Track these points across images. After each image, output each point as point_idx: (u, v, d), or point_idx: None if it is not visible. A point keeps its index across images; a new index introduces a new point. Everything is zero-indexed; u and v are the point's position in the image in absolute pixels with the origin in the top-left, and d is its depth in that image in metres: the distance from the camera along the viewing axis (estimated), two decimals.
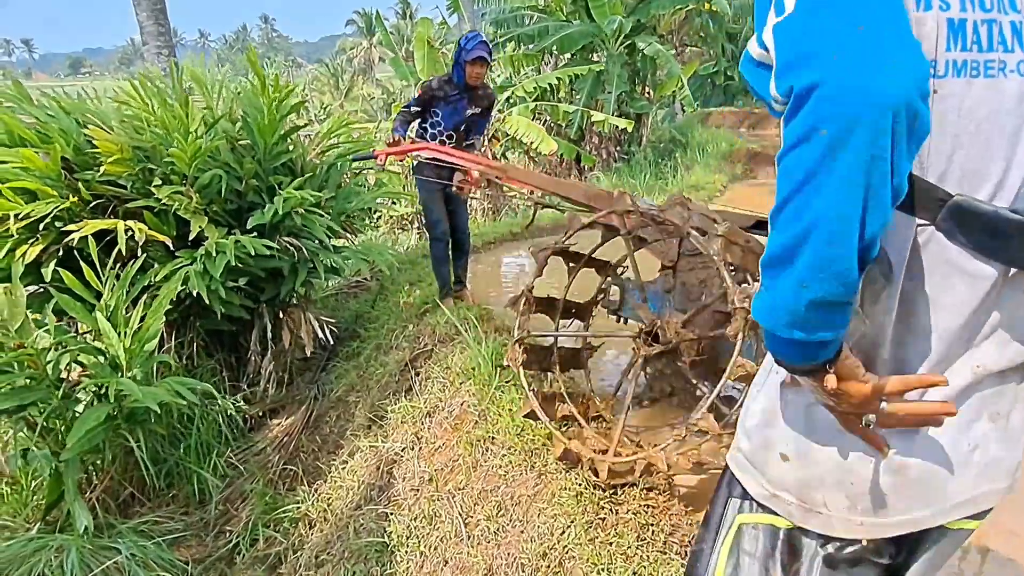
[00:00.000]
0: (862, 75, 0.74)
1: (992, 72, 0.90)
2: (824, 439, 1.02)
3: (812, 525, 1.04)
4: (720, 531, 1.15)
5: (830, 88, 0.74)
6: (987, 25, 0.89)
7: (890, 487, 0.99)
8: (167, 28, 6.87)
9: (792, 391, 1.06)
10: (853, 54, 0.74)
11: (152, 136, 3.87)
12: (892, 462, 0.98)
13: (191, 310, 4.14)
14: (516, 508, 2.51)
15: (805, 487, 1.04)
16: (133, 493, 3.69)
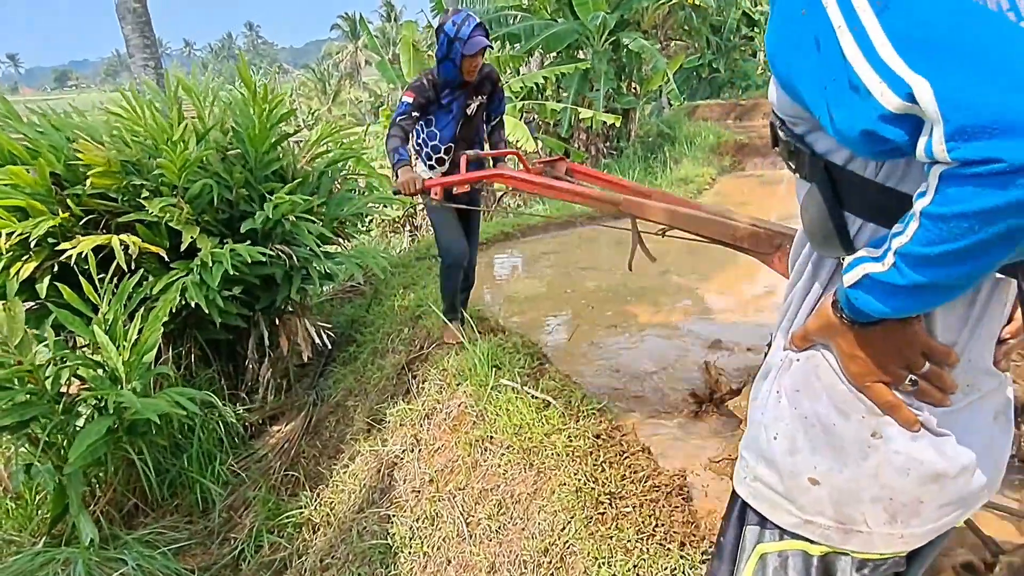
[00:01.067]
0: None
1: None
2: (855, 456, 1.01)
3: (853, 545, 1.03)
4: (739, 561, 1.14)
5: None
6: None
7: (928, 495, 0.99)
8: (152, 40, 6.88)
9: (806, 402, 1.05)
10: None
11: (140, 148, 3.89)
12: (928, 471, 0.98)
13: (188, 321, 4.16)
14: (516, 506, 2.55)
15: (842, 507, 1.02)
16: (137, 504, 3.71)
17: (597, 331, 4.19)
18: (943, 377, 0.96)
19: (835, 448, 1.02)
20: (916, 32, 0.73)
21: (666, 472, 2.44)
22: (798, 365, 1.07)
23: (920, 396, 0.97)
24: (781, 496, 1.07)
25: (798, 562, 1.06)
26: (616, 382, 3.45)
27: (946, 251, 0.77)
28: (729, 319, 4.24)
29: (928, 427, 0.98)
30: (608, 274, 5.37)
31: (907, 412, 0.97)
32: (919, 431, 0.98)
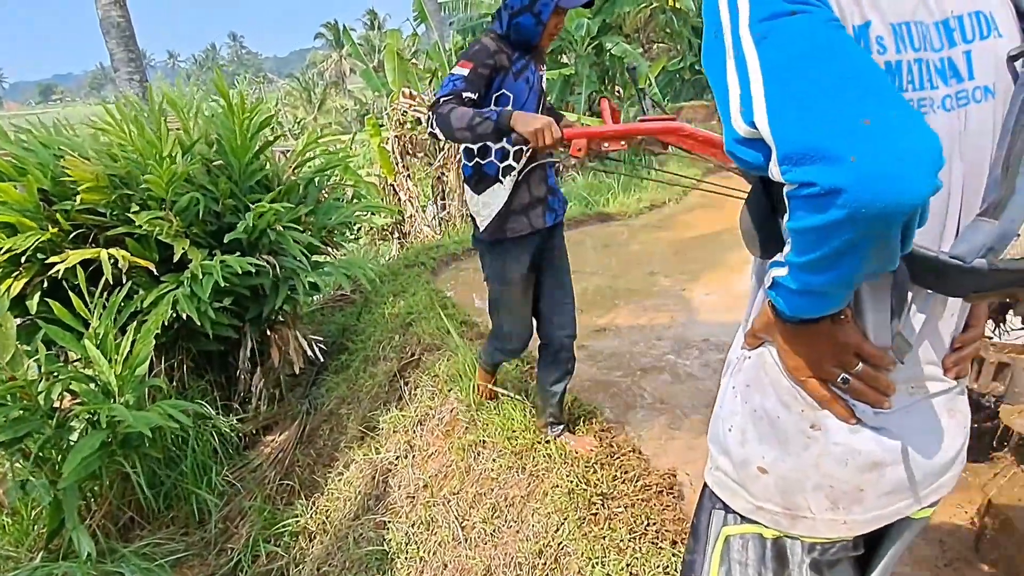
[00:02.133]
0: (885, 184, 0.72)
1: (925, 110, 0.94)
2: (797, 447, 1.07)
3: (799, 530, 1.10)
4: (708, 543, 1.21)
5: (856, 197, 0.73)
6: (917, 65, 0.93)
7: (868, 483, 1.05)
8: (137, 54, 6.89)
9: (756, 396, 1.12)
10: (871, 158, 0.73)
11: (127, 163, 3.91)
12: (866, 460, 1.04)
13: (179, 333, 4.18)
14: (510, 509, 2.59)
15: (787, 494, 1.09)
16: (133, 517, 3.72)
17: (586, 333, 4.23)
18: (878, 379, 1.01)
19: (780, 439, 1.09)
20: (777, 63, 0.83)
21: (656, 472, 2.48)
22: (749, 362, 1.15)
23: (854, 395, 1.02)
24: (736, 484, 1.15)
25: (756, 544, 1.14)
26: (606, 384, 3.50)
27: (809, 261, 0.85)
28: (716, 319, 4.29)
29: (865, 420, 1.04)
30: (595, 276, 5.42)
31: (841, 406, 1.03)
32: (856, 424, 1.04)
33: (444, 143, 9.54)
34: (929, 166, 0.73)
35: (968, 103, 0.95)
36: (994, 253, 0.90)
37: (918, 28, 0.93)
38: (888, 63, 0.91)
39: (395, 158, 9.24)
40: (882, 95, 0.78)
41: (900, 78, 0.92)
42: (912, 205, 0.74)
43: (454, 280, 5.92)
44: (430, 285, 5.23)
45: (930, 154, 0.74)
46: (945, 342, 1.06)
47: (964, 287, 0.95)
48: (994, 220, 0.91)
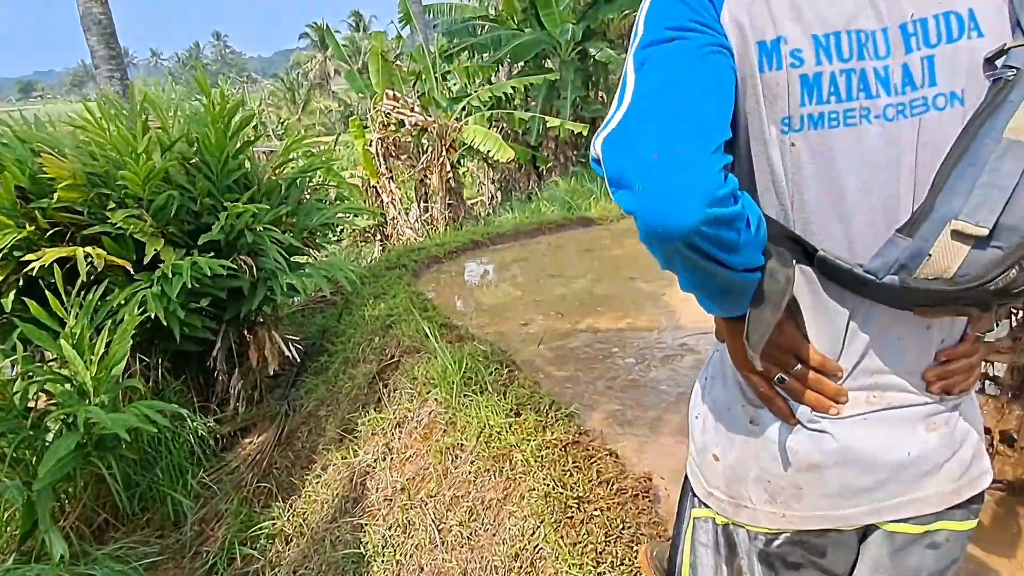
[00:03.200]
0: (657, 212, 0.80)
1: (853, 120, 0.93)
2: (743, 438, 1.10)
3: (742, 519, 1.11)
4: (683, 524, 1.26)
5: (640, 222, 0.82)
6: (846, 75, 0.92)
7: (807, 483, 1.05)
8: (118, 51, 6.84)
9: (717, 388, 1.16)
10: (651, 190, 0.81)
11: (104, 160, 3.87)
12: (802, 459, 1.04)
13: (156, 333, 4.14)
14: (487, 512, 2.59)
15: (732, 483, 1.11)
16: (107, 519, 3.68)
17: (566, 338, 4.24)
18: (821, 383, 1.02)
19: (728, 430, 1.12)
20: (640, 92, 0.89)
21: (633, 475, 2.49)
22: (716, 356, 1.20)
23: (792, 395, 1.04)
24: (697, 469, 1.19)
25: (710, 528, 1.18)
26: (584, 388, 3.51)
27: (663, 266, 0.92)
28: (694, 324, 4.31)
29: (805, 421, 1.05)
30: (576, 281, 5.44)
31: (780, 404, 1.05)
32: (795, 424, 1.05)
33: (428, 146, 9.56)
34: (695, 200, 0.79)
35: (927, 110, 0.93)
36: (907, 271, 0.90)
37: (853, 37, 0.92)
38: (804, 76, 0.92)
39: (378, 160, 9.23)
40: (684, 131, 0.83)
41: (819, 90, 0.93)
42: (680, 231, 0.80)
43: (435, 283, 5.93)
44: (411, 287, 5.22)
45: (699, 190, 0.79)
46: (918, 353, 1.03)
47: (893, 300, 0.96)
48: (908, 237, 0.91)
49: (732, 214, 0.82)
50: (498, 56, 11.16)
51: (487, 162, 11.37)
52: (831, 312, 1.02)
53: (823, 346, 1.03)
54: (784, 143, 0.96)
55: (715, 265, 0.86)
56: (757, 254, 0.91)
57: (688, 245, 0.82)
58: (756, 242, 0.89)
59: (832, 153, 0.94)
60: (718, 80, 0.90)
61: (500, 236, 7.15)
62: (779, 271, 0.95)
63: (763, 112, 0.95)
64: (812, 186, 0.96)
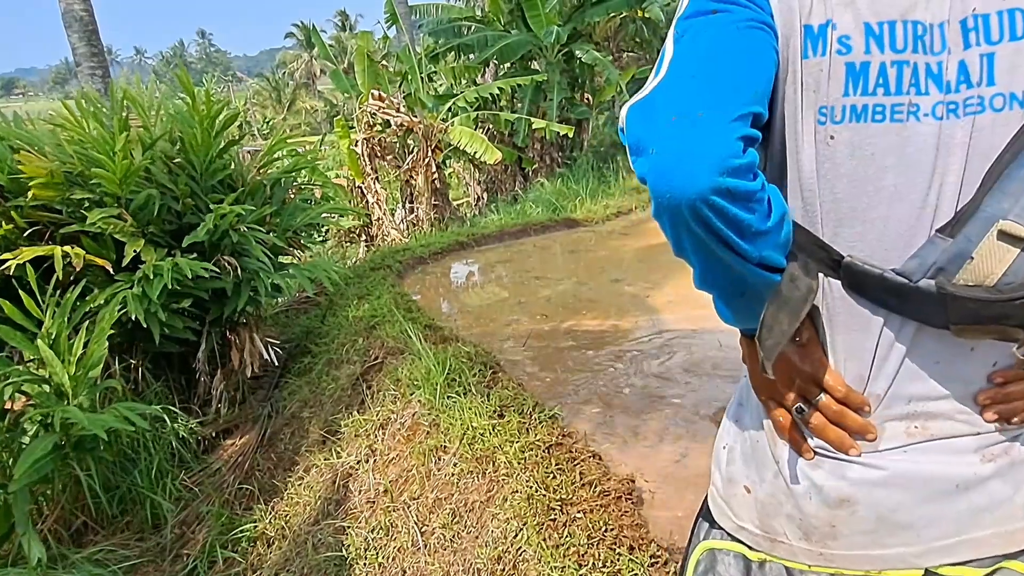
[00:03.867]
0: (665, 174, 0.77)
1: (900, 116, 0.86)
2: (771, 473, 1.03)
3: (779, 554, 1.03)
4: (691, 548, 1.18)
5: (650, 188, 0.79)
6: (897, 67, 0.86)
7: (840, 520, 0.97)
8: (100, 49, 6.77)
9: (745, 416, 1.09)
10: (662, 152, 0.78)
11: (83, 159, 3.83)
12: (830, 495, 0.97)
13: (137, 334, 4.10)
14: (470, 515, 2.58)
15: (765, 517, 1.04)
16: (86, 522, 3.63)
17: (550, 340, 4.24)
18: (845, 416, 0.95)
19: (758, 462, 1.06)
20: (676, 62, 0.86)
21: (616, 477, 2.49)
22: (744, 382, 1.12)
23: (813, 430, 0.97)
24: (723, 500, 1.12)
25: (741, 564, 1.09)
26: (568, 390, 3.50)
27: (675, 250, 0.88)
28: (678, 326, 4.32)
29: (824, 453, 0.97)
30: (561, 283, 5.44)
31: (795, 436, 0.99)
32: (812, 459, 0.98)
33: (414, 147, 9.54)
34: (704, 164, 0.75)
35: (982, 110, 0.85)
36: (945, 275, 0.83)
37: (908, 28, 0.86)
38: (851, 64, 0.87)
39: (363, 160, 9.20)
40: (707, 96, 0.80)
41: (866, 80, 0.87)
42: (686, 196, 0.76)
43: (420, 284, 5.91)
44: (395, 288, 5.21)
45: (711, 154, 0.75)
46: (966, 377, 0.92)
47: (929, 315, 0.87)
48: (950, 238, 0.84)
49: (746, 190, 0.77)
50: (484, 57, 11.15)
51: (473, 163, 11.37)
52: (859, 330, 0.94)
53: (851, 370, 0.96)
54: (821, 136, 0.90)
55: (726, 250, 0.81)
56: (778, 253, 0.86)
57: (695, 215, 0.77)
58: (777, 237, 0.84)
59: (873, 149, 0.88)
60: (755, 54, 0.86)
61: (485, 237, 7.14)
62: (801, 278, 0.89)
63: (800, 101, 0.90)
64: (846, 185, 0.90)
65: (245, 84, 49.53)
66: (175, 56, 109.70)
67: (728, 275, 0.87)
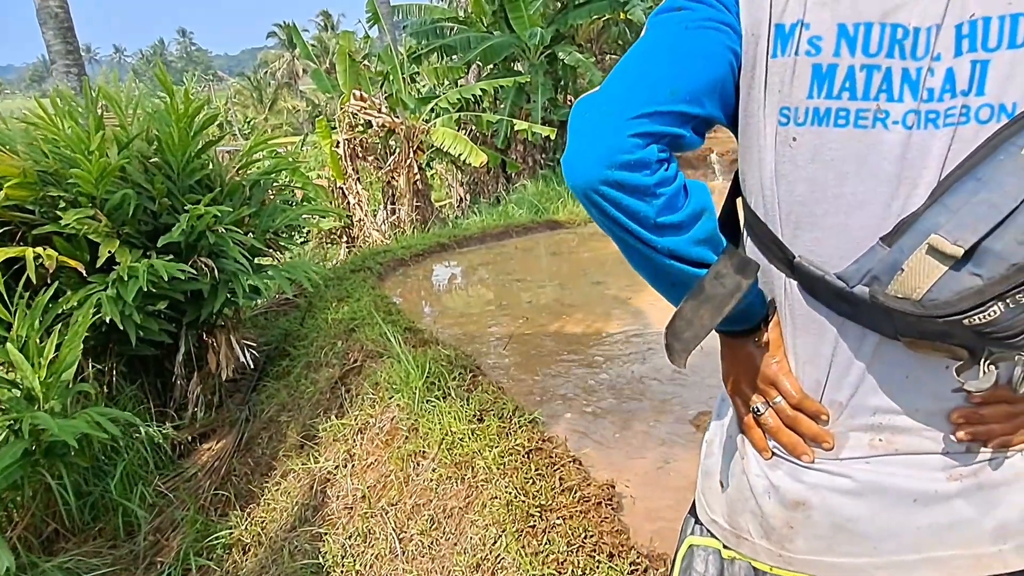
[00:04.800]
0: (566, 164, 0.85)
1: (865, 122, 0.83)
2: (737, 467, 1.03)
3: (743, 551, 1.03)
4: (678, 545, 1.18)
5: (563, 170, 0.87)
6: (867, 71, 0.82)
7: (796, 522, 0.96)
8: (75, 46, 6.65)
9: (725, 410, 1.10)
10: (568, 143, 0.86)
11: (56, 159, 3.75)
12: (786, 496, 0.96)
13: (111, 336, 4.03)
14: (448, 521, 2.54)
15: (733, 513, 1.04)
16: (57, 529, 3.55)
17: (531, 343, 4.21)
18: (799, 422, 0.94)
19: (731, 457, 1.06)
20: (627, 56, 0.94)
21: (596, 483, 2.46)
22: None
23: (768, 431, 0.97)
24: (700, 493, 1.13)
25: (715, 560, 1.08)
26: (549, 394, 3.48)
27: None
28: (662, 327, 4.30)
29: (782, 455, 0.97)
30: (543, 286, 5.41)
31: (757, 435, 0.99)
32: (770, 459, 0.98)
33: (396, 148, 9.48)
34: (592, 159, 0.82)
35: (966, 121, 0.80)
36: (879, 284, 0.81)
37: (886, 31, 0.82)
38: (817, 66, 0.84)
39: (345, 161, 9.14)
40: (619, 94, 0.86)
41: (832, 83, 0.84)
42: (577, 186, 0.84)
43: (401, 286, 5.86)
44: (375, 291, 5.15)
45: (600, 149, 0.81)
46: (941, 394, 0.88)
47: (877, 323, 0.85)
48: (888, 247, 0.81)
49: (636, 183, 0.81)
50: (468, 59, 11.12)
51: (456, 165, 11.33)
52: (816, 334, 0.92)
53: (808, 375, 0.95)
54: (782, 136, 0.88)
55: (629, 236, 0.85)
56: (696, 248, 0.87)
57: (589, 202, 0.84)
58: (691, 232, 0.87)
59: (833, 154, 0.85)
60: (698, 53, 0.88)
61: (467, 239, 7.10)
62: (728, 275, 0.88)
63: (762, 101, 0.89)
64: (805, 188, 0.88)
65: (226, 83, 49.16)
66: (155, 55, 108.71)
67: (645, 264, 0.91)
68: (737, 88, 0.92)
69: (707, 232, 0.88)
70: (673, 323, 0.91)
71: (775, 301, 0.97)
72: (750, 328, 0.97)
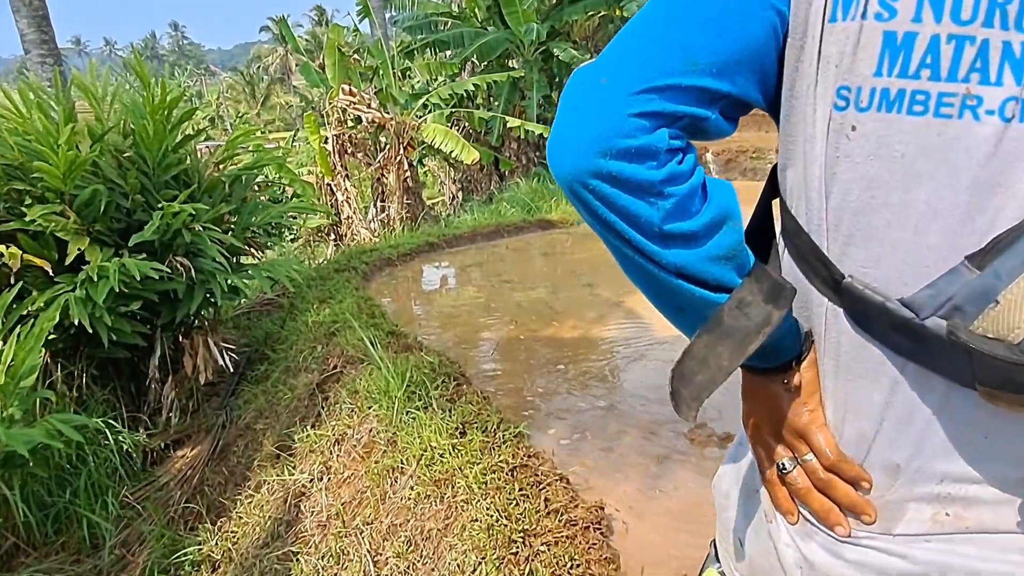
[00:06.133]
0: (551, 148, 0.70)
1: (949, 110, 0.63)
2: (762, 529, 0.86)
3: None
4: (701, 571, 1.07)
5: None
6: (956, 43, 0.61)
7: None
8: (51, 35, 6.42)
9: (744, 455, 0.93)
10: (556, 122, 0.70)
11: (23, 152, 3.57)
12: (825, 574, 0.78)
13: (81, 338, 3.84)
14: (426, 543, 2.37)
15: (755, 573, 0.89)
16: (17, 543, 3.38)
17: (521, 349, 4.04)
18: (834, 487, 0.75)
19: (752, 516, 0.88)
20: None
21: (584, 504, 2.29)
22: None
23: (795, 492, 0.78)
24: (720, 540, 0.99)
25: None
26: (536, 404, 3.31)
27: None
28: (656, 335, 4.14)
29: (816, 523, 0.78)
30: (534, 288, 5.24)
31: (782, 494, 0.80)
32: (798, 524, 0.79)
33: (386, 144, 9.29)
34: (583, 143, 0.66)
35: None
36: (962, 316, 0.62)
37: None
38: (890, 34, 0.63)
39: (334, 157, 8.95)
40: (619, 64, 0.69)
41: (908, 57, 0.63)
42: (562, 176, 0.68)
43: (387, 287, 5.68)
44: (359, 292, 4.97)
45: (594, 132, 0.65)
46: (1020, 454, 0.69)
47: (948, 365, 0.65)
48: (977, 270, 0.62)
49: (641, 179, 0.65)
50: (464, 55, 10.95)
51: (448, 162, 11.15)
52: (865, 378, 0.72)
53: (850, 428, 0.75)
54: (837, 124, 0.68)
55: (627, 247, 0.69)
56: (713, 266, 0.69)
57: (576, 198, 0.69)
58: (708, 247, 0.69)
59: (904, 149, 0.65)
60: (728, 11, 0.68)
61: (457, 238, 6.93)
62: (755, 305, 0.69)
63: (814, 77, 0.69)
64: (863, 192, 0.68)
65: (219, 78, 48.81)
66: (147, 48, 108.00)
67: (645, 280, 0.74)
68: (781, 60, 0.71)
69: (729, 247, 0.70)
70: (682, 363, 0.73)
71: (812, 333, 0.77)
72: (777, 367, 0.78)
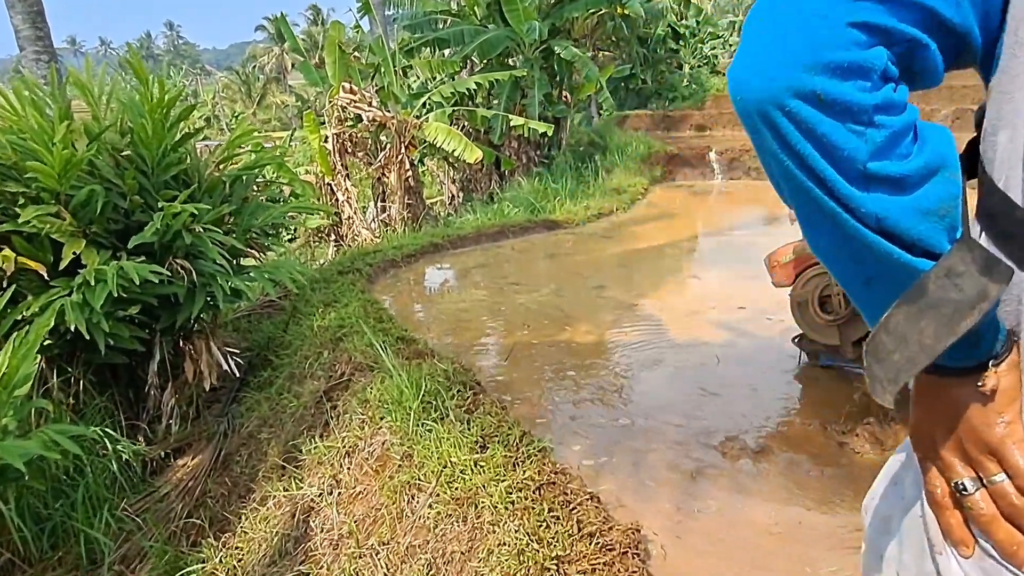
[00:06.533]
0: (738, 66, 0.60)
1: None
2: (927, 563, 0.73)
3: None
4: None
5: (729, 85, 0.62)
6: None
7: None
8: (46, 32, 6.26)
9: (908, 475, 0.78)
10: (745, 37, 0.60)
11: (16, 150, 3.42)
12: None
13: (77, 343, 3.69)
14: (448, 567, 2.22)
15: None
16: (12, 559, 3.22)
17: (533, 355, 3.90)
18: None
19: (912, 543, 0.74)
20: None
21: (619, 527, 2.14)
22: None
23: (976, 519, 0.65)
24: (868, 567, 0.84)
25: None
26: (556, 414, 3.17)
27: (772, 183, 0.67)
28: (671, 337, 4.00)
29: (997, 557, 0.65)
30: (541, 290, 5.10)
31: (955, 520, 0.67)
32: (973, 556, 0.66)
33: (386, 143, 9.14)
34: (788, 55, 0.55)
35: None
36: None
37: None
38: None
39: (334, 157, 8.80)
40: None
41: None
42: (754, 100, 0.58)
43: (392, 290, 5.54)
44: (365, 295, 4.82)
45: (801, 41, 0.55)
46: None
47: None
48: None
49: (851, 100, 0.54)
50: (465, 53, 10.80)
51: (448, 161, 11.01)
52: None
53: None
54: None
55: (812, 182, 0.58)
56: (922, 223, 0.57)
57: (765, 123, 0.57)
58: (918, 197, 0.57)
59: None
60: None
61: (461, 239, 6.78)
62: (969, 276, 0.57)
63: None
64: None
65: (214, 77, 48.51)
66: (142, 48, 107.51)
67: (835, 237, 0.61)
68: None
69: (942, 200, 0.58)
70: (875, 339, 0.60)
71: (1016, 332, 0.65)
72: (971, 366, 0.64)
